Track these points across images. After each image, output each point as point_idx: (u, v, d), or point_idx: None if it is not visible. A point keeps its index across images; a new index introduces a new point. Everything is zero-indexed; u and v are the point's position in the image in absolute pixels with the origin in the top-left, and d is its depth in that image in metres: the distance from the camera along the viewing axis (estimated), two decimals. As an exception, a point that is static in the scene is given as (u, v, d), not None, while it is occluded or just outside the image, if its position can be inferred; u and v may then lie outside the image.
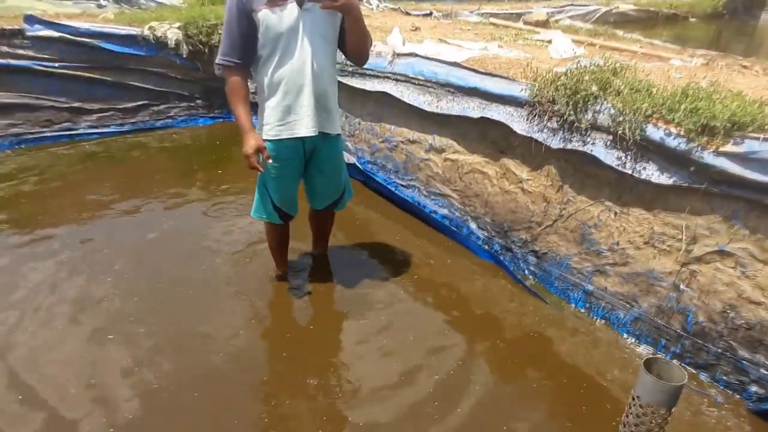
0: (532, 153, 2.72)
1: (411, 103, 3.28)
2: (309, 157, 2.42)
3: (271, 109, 2.24)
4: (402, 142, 3.58)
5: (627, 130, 2.19)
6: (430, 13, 5.64)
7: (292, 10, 2.09)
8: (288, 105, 2.21)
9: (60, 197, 3.67)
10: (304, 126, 2.24)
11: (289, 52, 2.13)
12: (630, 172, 2.26)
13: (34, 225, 3.25)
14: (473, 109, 2.93)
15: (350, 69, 3.73)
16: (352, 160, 4.01)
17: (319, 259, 3.02)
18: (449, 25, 4.72)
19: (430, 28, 4.42)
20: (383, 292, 2.78)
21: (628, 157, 2.26)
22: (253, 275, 2.85)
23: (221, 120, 5.30)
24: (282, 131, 2.25)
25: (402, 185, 3.67)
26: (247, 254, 3.04)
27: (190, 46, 4.85)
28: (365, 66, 3.68)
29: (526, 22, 5.59)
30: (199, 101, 5.23)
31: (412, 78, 3.31)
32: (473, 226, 3.21)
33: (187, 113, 5.21)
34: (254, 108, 2.32)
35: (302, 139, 2.29)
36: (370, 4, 5.74)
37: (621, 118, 2.22)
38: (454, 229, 3.33)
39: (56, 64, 4.45)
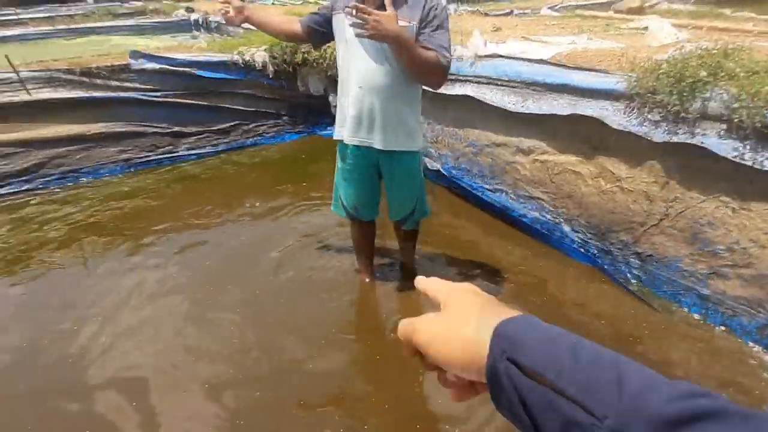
0: (630, 149, 2.55)
1: (495, 104, 3.20)
2: (379, 167, 2.44)
3: (338, 110, 2.36)
4: (487, 145, 3.50)
5: (745, 117, 1.98)
6: (510, 12, 5.51)
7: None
8: (341, 109, 2.31)
9: (164, 213, 3.96)
10: (347, 133, 2.29)
11: (347, 60, 2.19)
12: (750, 163, 2.04)
13: (142, 237, 3.53)
14: (562, 106, 2.80)
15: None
16: (436, 166, 3.98)
17: (407, 268, 3.01)
18: (532, 22, 4.58)
19: (511, 27, 4.31)
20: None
21: (747, 147, 2.05)
22: (336, 280, 2.90)
23: (306, 134, 5.50)
24: (338, 133, 2.36)
25: (488, 189, 3.59)
26: (331, 258, 3.10)
27: (275, 66, 5.08)
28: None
29: (617, 11, 5.29)
30: (285, 118, 5.45)
31: (495, 79, 3.23)
32: (567, 228, 3.06)
33: (275, 130, 5.45)
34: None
35: (357, 146, 2.32)
36: (448, 10, 5.70)
37: (737, 105, 2.01)
38: (546, 232, 3.20)
39: (158, 94, 4.84)
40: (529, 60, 3.00)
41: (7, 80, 4.45)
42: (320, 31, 2.29)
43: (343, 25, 2.13)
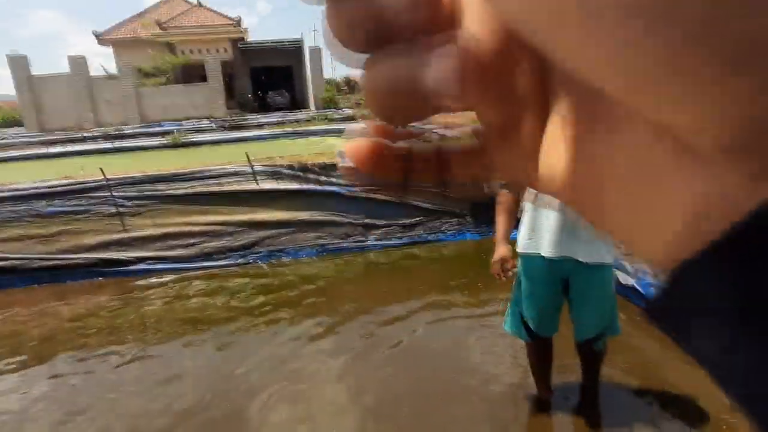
0: None
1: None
2: (567, 281, 2.23)
3: (523, 222, 2.26)
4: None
5: None
6: None
7: None
8: (532, 220, 2.20)
9: (347, 297, 4.20)
10: (545, 246, 2.13)
11: None
12: None
13: (322, 316, 3.76)
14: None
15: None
16: (631, 282, 3.57)
17: (589, 392, 2.64)
18: None
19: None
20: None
21: None
22: (510, 396, 2.66)
23: (488, 235, 5.49)
24: (528, 246, 2.22)
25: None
26: (505, 373, 2.87)
27: (464, 168, 5.28)
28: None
29: None
30: (467, 217, 5.55)
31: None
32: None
33: (456, 228, 5.56)
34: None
35: (550, 259, 2.14)
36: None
37: None
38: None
39: (358, 189, 5.35)
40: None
41: (243, 172, 5.41)
42: None
43: None
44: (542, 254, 2.17)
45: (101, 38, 25.98)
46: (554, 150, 0.15)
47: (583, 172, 0.14)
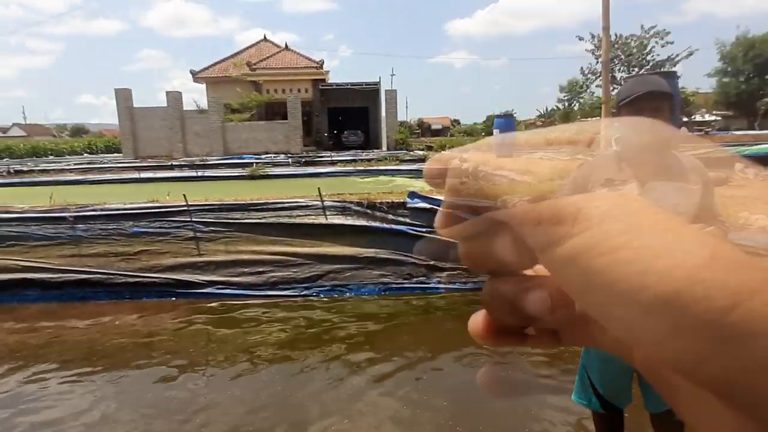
0: None
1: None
2: None
3: None
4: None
5: None
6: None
7: (631, 191, 1.91)
8: None
9: (401, 339, 4.12)
10: None
11: None
12: None
13: (383, 353, 3.68)
14: None
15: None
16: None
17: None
18: None
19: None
20: None
21: None
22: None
23: (556, 287, 5.24)
24: None
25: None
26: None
27: (537, 214, 5.12)
28: (742, 242, 3.09)
29: None
30: (536, 267, 5.34)
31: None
32: None
33: (524, 277, 5.36)
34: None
35: None
36: (746, 173, 5.00)
37: None
38: None
39: (423, 229, 5.34)
40: None
41: (313, 206, 5.54)
42: None
43: None
44: None
45: (196, 76, 28.23)
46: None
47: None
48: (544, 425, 2.86)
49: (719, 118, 31.63)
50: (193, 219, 5.49)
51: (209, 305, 5.00)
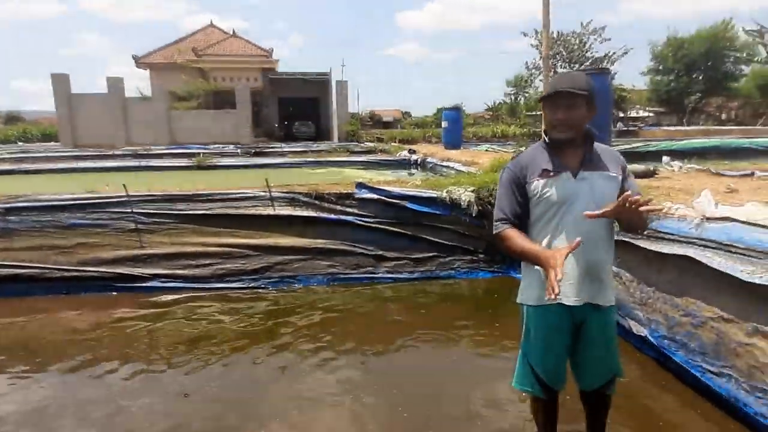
0: None
1: (727, 271, 2.76)
2: (578, 329, 2.18)
3: (530, 274, 2.16)
4: (712, 318, 2.97)
5: None
6: (752, 174, 4.91)
7: (566, 180, 2.05)
8: (539, 271, 2.06)
9: (350, 328, 4.19)
10: (568, 294, 2.07)
11: (561, 220, 2.05)
12: None
13: (334, 343, 3.74)
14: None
15: (645, 231, 3.43)
16: (643, 332, 3.50)
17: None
18: (778, 186, 3.99)
19: (751, 189, 3.82)
20: None
21: None
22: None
23: (500, 274, 5.44)
24: (537, 295, 2.13)
25: (711, 372, 2.97)
26: (508, 428, 2.80)
27: (480, 206, 5.30)
28: (663, 229, 3.35)
29: None
30: (481, 255, 5.52)
31: (726, 245, 2.82)
32: (831, 448, 2.30)
33: (469, 266, 5.53)
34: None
35: (569, 307, 2.10)
36: (671, 167, 5.37)
37: None
38: (797, 446, 2.45)
39: (371, 220, 5.41)
40: (775, 228, 2.57)
41: (262, 197, 5.51)
42: (525, 212, 2.18)
43: (552, 188, 2.09)
44: (564, 302, 2.10)
45: (139, 62, 27.05)
46: None
47: None
48: (489, 411, 3.00)
49: (652, 114, 33.37)
50: (135, 210, 5.33)
51: (153, 299, 4.89)
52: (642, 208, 1.81)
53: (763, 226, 2.64)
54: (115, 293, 5.04)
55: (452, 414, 2.95)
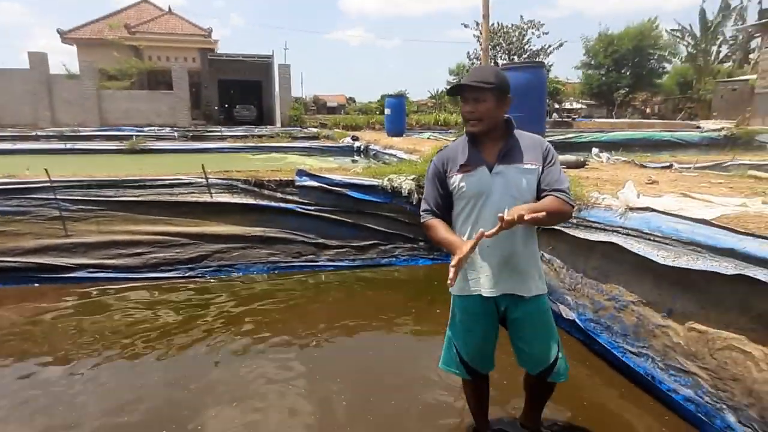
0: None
1: (647, 256, 2.94)
2: (505, 316, 2.27)
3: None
4: (633, 302, 3.17)
5: None
6: (670, 166, 5.25)
7: (482, 174, 2.11)
8: (472, 262, 2.16)
9: (296, 314, 4.16)
10: (485, 285, 2.15)
11: (480, 214, 2.12)
12: None
13: (275, 332, 3.70)
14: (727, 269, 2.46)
15: (574, 221, 3.59)
16: (572, 316, 3.68)
17: (532, 427, 2.67)
18: (695, 178, 4.29)
19: (669, 181, 4.08)
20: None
21: None
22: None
23: (440, 261, 5.55)
24: (464, 288, 2.21)
25: (631, 352, 3.18)
26: (443, 410, 2.88)
27: (421, 195, 5.35)
28: (591, 218, 3.51)
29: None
30: (421, 243, 5.60)
31: (647, 234, 3.00)
32: (731, 418, 2.53)
33: (410, 254, 5.60)
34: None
35: (488, 297, 2.18)
36: (600, 158, 5.64)
37: None
38: (702, 417, 2.67)
39: (312, 208, 5.36)
40: (690, 219, 2.76)
41: (198, 184, 5.31)
42: (449, 204, 2.25)
43: (467, 183, 2.14)
44: (482, 294, 2.17)
45: (66, 36, 25.26)
46: None
47: None
48: (426, 391, 3.07)
49: (585, 107, 34.98)
50: (58, 196, 5.01)
51: (81, 290, 4.63)
52: (506, 221, 1.84)
53: (679, 217, 2.82)
54: (37, 284, 4.73)
55: (391, 396, 3.00)
